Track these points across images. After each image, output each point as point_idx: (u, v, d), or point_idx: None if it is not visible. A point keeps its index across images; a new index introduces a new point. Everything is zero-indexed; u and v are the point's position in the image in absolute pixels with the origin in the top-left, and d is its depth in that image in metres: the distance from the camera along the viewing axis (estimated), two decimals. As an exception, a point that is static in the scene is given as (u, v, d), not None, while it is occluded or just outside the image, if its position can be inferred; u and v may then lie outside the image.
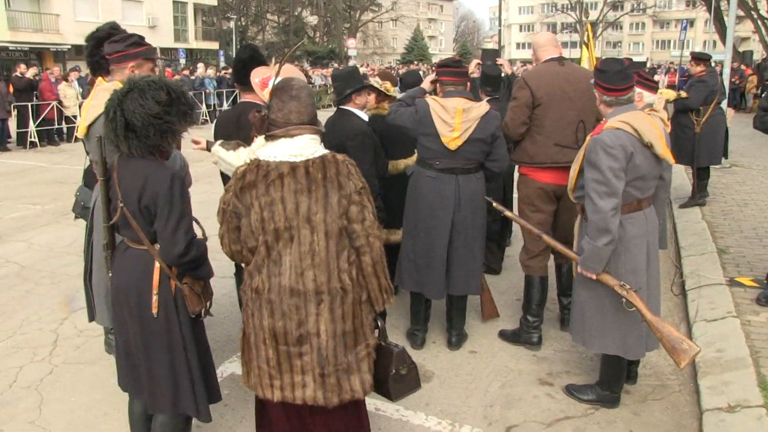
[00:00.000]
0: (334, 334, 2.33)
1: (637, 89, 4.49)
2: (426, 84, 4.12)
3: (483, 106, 3.82)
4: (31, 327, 4.50)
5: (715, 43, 53.63)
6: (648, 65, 39.11)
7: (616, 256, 3.19)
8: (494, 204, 3.72)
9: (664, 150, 3.15)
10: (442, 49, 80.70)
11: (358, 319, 2.39)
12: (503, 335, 4.27)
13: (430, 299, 4.12)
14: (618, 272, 3.20)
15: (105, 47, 3.28)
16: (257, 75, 3.50)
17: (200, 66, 21.70)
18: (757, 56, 33.05)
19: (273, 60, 4.61)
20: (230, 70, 23.52)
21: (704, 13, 50.74)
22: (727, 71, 10.36)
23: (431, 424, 3.28)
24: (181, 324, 2.52)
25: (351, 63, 36.30)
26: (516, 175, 4.35)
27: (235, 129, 3.56)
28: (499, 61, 5.73)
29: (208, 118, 18.64)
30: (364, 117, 4.00)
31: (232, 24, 38.54)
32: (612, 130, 3.07)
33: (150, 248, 2.47)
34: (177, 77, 18.97)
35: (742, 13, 36.43)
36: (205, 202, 5.90)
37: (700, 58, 7.43)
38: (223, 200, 2.37)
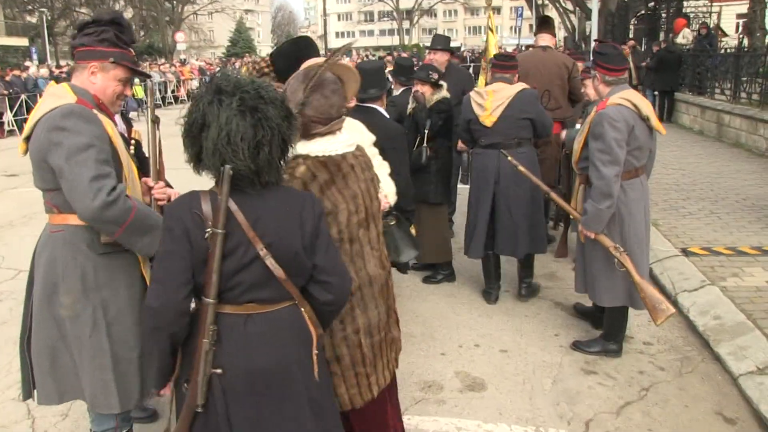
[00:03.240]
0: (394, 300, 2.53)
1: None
2: None
3: (515, 87, 4.37)
4: (-15, 400, 3.66)
5: (520, 29, 58.17)
6: (462, 49, 41.54)
7: (620, 220, 3.60)
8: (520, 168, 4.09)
9: (657, 123, 3.58)
10: (260, 40, 79.19)
11: None
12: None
13: (499, 261, 4.73)
14: (623, 234, 3.61)
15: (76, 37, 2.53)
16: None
17: (30, 64, 19.18)
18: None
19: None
20: (64, 69, 21.19)
21: (509, 1, 55.09)
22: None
23: (519, 434, 3.24)
24: None
25: (182, 58, 34.29)
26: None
27: None
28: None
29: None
30: (387, 115, 3.84)
31: (36, 18, 34.47)
32: (615, 106, 3.46)
33: (301, 300, 1.91)
34: (6, 78, 16.57)
35: (546, 2, 40.14)
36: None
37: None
38: None
